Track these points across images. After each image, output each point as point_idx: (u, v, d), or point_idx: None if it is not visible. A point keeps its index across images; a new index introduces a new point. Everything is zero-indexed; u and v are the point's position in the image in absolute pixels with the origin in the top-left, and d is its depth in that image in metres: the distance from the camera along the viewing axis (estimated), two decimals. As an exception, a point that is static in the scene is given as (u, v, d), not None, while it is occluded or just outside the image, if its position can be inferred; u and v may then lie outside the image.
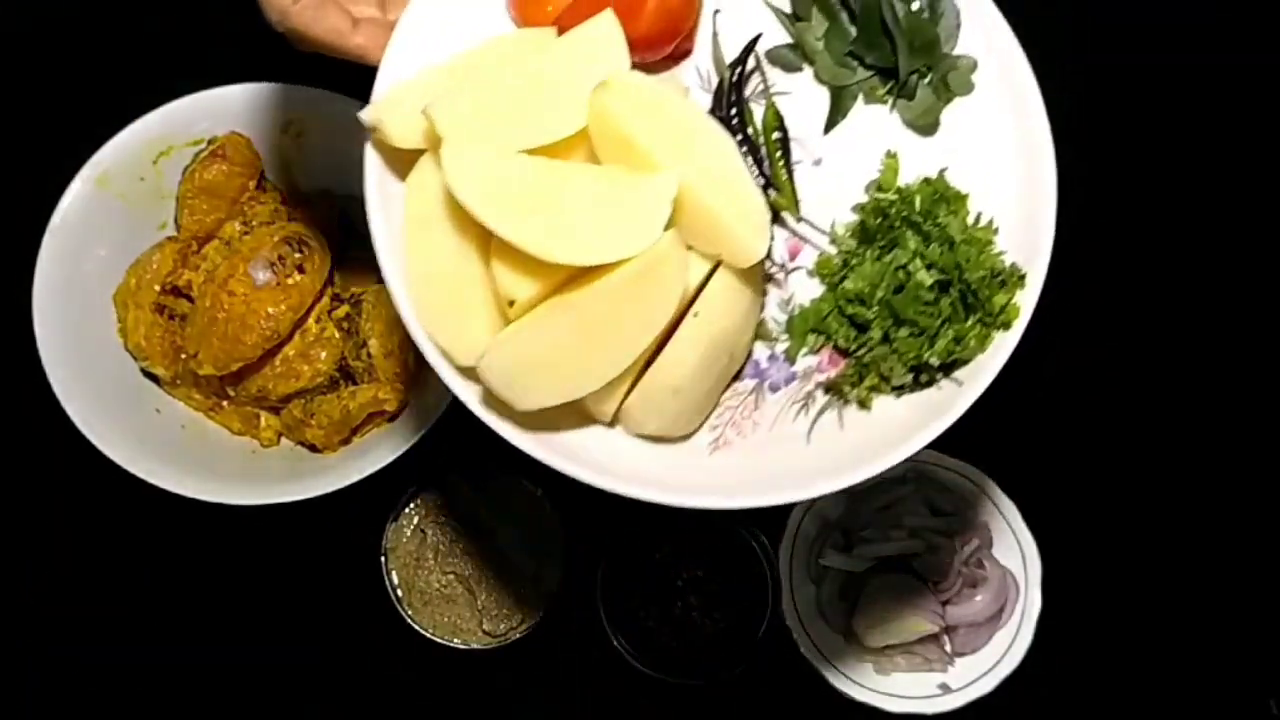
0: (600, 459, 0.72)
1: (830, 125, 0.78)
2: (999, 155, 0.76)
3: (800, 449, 0.74)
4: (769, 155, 0.77)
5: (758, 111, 0.78)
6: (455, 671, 1.00)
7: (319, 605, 1.00)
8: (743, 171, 0.70)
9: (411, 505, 1.02)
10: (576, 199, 0.66)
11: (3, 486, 1.00)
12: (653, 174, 0.67)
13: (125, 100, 0.94)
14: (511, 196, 0.65)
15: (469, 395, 0.70)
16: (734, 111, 0.77)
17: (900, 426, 0.73)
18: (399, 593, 0.99)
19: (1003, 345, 0.72)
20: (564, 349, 0.67)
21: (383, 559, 1.00)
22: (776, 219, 0.77)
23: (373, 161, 0.72)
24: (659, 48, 0.75)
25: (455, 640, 0.99)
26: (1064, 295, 0.75)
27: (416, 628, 0.99)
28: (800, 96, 0.77)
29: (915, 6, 0.77)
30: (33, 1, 1.02)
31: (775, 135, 0.77)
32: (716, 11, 0.78)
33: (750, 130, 0.77)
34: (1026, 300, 0.72)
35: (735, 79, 0.77)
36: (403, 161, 0.72)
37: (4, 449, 1.00)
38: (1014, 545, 1.01)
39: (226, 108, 0.95)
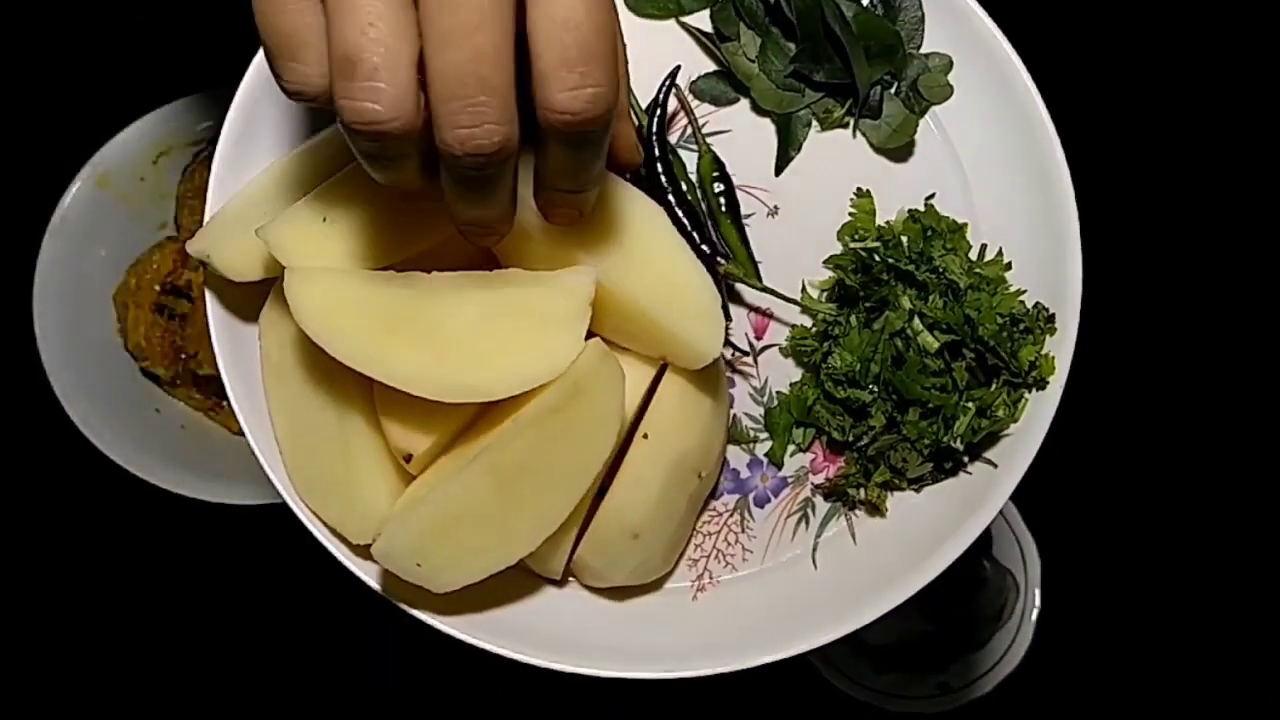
0: (554, 632, 0.58)
1: (782, 164, 0.64)
2: (997, 168, 0.62)
3: (807, 577, 0.60)
4: (712, 213, 0.62)
5: (690, 160, 0.63)
6: (455, 671, 0.98)
7: (319, 605, 1.00)
8: (679, 247, 0.55)
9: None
10: (466, 317, 0.52)
11: (3, 486, 1.00)
12: (561, 271, 0.52)
13: (125, 100, 0.96)
14: (380, 325, 0.51)
15: (371, 576, 0.56)
16: (659, 165, 0.61)
17: (926, 530, 0.59)
18: None
19: (1040, 410, 0.58)
20: (480, 509, 0.53)
21: None
22: (731, 293, 0.62)
23: (213, 303, 0.57)
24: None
25: None
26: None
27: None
28: (740, 134, 0.64)
29: (865, 1, 0.62)
30: (33, 2, 1.04)
31: (716, 187, 0.62)
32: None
33: (683, 186, 0.62)
34: (1061, 349, 0.58)
35: (655, 125, 0.62)
36: (252, 297, 0.57)
37: (4, 449, 1.00)
38: (1014, 545, 1.00)
39: (226, 108, 0.90)
